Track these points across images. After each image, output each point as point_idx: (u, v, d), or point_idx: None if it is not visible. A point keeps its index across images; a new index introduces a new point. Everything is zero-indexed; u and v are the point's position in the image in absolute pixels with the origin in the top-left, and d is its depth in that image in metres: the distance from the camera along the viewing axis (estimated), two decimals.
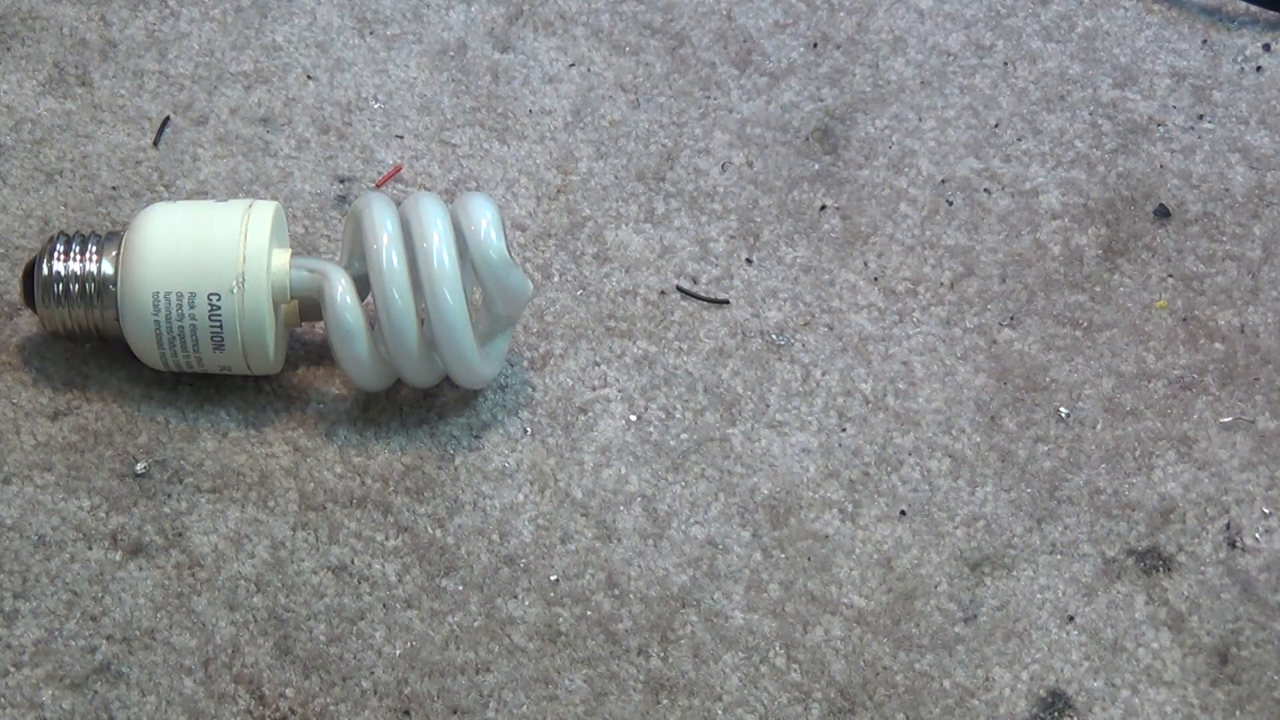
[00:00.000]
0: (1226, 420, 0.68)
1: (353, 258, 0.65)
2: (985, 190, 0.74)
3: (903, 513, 0.65)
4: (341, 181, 0.72)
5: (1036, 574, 0.64)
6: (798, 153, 0.74)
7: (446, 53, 0.76)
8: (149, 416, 0.66)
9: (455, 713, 0.61)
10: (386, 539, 0.64)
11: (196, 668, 0.61)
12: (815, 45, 0.78)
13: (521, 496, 0.65)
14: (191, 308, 0.63)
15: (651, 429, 0.67)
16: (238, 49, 0.76)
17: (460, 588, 0.63)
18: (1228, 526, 0.65)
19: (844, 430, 0.67)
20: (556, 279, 0.70)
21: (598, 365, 0.68)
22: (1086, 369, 0.69)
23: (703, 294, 0.70)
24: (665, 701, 0.61)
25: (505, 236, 0.63)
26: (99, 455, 0.65)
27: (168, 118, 0.74)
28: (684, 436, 0.67)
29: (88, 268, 0.64)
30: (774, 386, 0.68)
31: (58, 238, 0.65)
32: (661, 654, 0.62)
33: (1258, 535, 0.65)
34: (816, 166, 0.74)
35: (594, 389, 0.68)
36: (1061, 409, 0.68)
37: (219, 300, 0.63)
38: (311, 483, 0.65)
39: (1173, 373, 0.69)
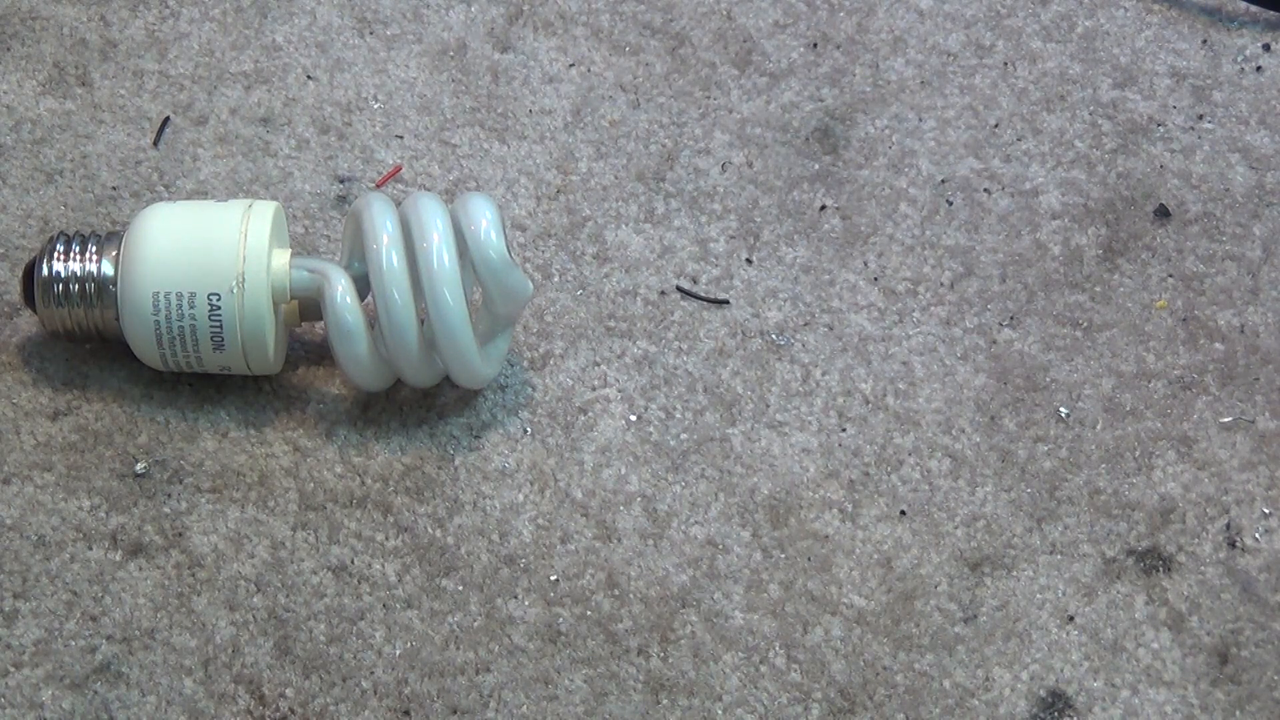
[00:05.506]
0: (1226, 420, 0.68)
1: (353, 258, 0.65)
2: (985, 190, 0.74)
3: (903, 513, 0.65)
4: (341, 181, 0.72)
5: (1036, 574, 0.64)
6: (798, 153, 0.74)
7: (446, 53, 0.76)
8: (149, 416, 0.66)
9: (455, 713, 0.61)
10: (386, 539, 0.64)
11: (196, 668, 0.61)
12: (815, 45, 0.78)
13: (521, 496, 0.65)
14: (191, 308, 0.63)
15: (651, 429, 0.67)
16: (238, 49, 0.76)
17: (460, 588, 0.63)
18: (1228, 526, 0.65)
19: (844, 430, 0.67)
20: (556, 279, 0.70)
21: (598, 365, 0.68)
22: (1086, 369, 0.69)
23: (703, 294, 0.70)
24: (665, 701, 0.61)
25: (505, 236, 0.63)
26: (99, 455, 0.65)
27: (168, 118, 0.74)
28: (684, 436, 0.67)
29: (88, 268, 0.64)
30: (774, 386, 0.68)
31: (58, 238, 0.65)
32: (661, 654, 0.62)
33: (1258, 535, 0.65)
34: (816, 166, 0.74)
35: (594, 389, 0.68)
36: (1061, 409, 0.68)
37: (219, 300, 0.63)
38: (311, 483, 0.65)
39: (1173, 373, 0.69)
